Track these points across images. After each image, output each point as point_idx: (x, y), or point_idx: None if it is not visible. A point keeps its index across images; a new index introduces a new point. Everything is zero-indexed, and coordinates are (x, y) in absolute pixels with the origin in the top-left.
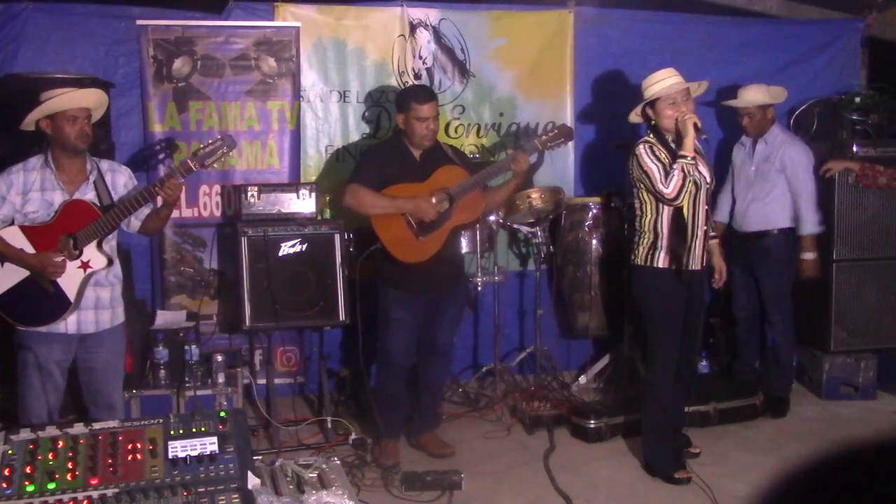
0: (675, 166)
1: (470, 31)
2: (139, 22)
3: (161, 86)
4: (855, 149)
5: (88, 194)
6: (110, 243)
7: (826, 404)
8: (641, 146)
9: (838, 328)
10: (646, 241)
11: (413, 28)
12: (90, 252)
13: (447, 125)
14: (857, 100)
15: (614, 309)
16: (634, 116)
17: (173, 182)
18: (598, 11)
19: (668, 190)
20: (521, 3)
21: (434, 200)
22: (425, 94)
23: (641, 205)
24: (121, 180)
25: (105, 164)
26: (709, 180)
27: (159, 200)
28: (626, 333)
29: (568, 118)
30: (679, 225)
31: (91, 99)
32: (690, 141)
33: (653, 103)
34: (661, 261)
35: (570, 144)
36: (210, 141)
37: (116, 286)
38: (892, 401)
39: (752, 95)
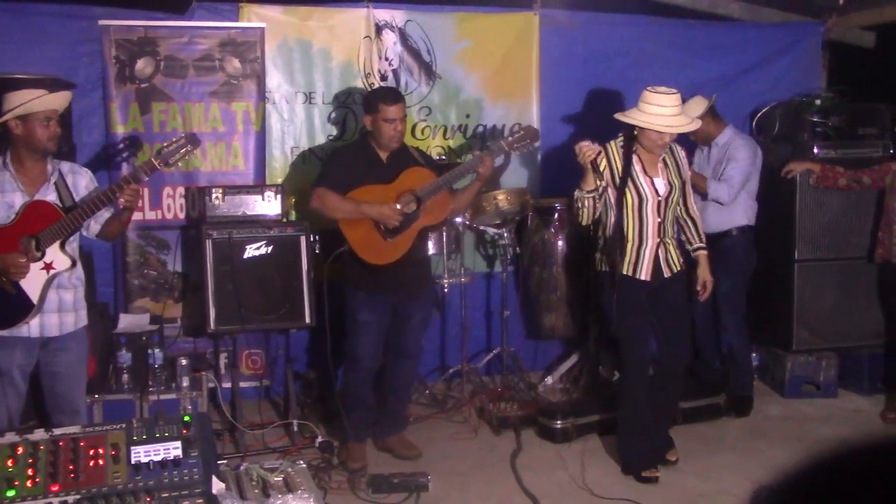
0: (576, 193)
1: (436, 32)
2: (101, 22)
3: (123, 86)
4: (816, 150)
5: (50, 196)
6: (73, 245)
7: (789, 403)
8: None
9: (800, 328)
10: (599, 246)
11: (379, 29)
12: (53, 253)
13: (413, 127)
14: (818, 102)
15: (580, 310)
16: (622, 116)
17: (132, 188)
18: (564, 14)
19: (576, 206)
20: (486, 4)
21: (399, 205)
22: (393, 95)
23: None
24: (82, 182)
25: (66, 166)
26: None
27: (120, 203)
28: (591, 334)
29: (534, 120)
30: (615, 233)
31: (63, 101)
32: (588, 176)
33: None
34: (604, 264)
35: (537, 146)
36: (174, 139)
37: (80, 288)
38: (853, 399)
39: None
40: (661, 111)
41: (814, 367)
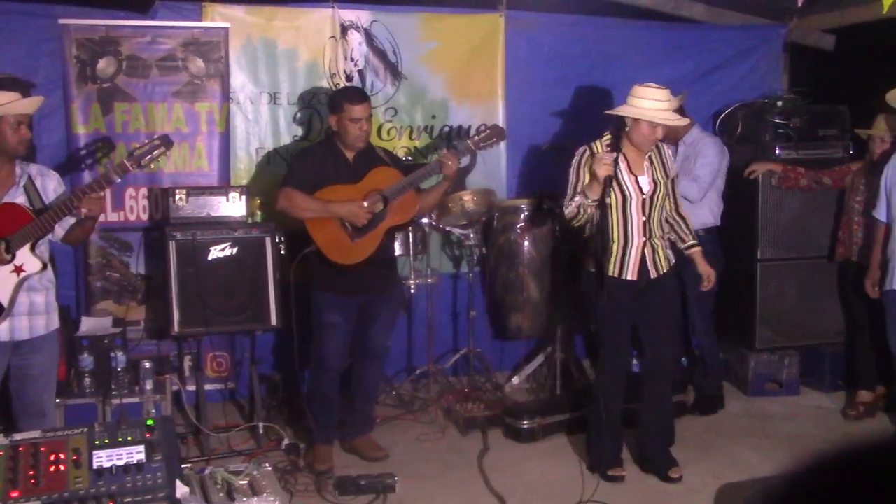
0: (577, 198)
1: (401, 33)
2: (61, 21)
3: (85, 86)
4: (777, 151)
5: (19, 198)
6: (42, 247)
7: (752, 400)
8: (579, 150)
9: (763, 326)
10: (588, 245)
11: (344, 30)
12: (23, 256)
13: (379, 127)
14: (780, 104)
15: (546, 310)
16: (615, 111)
17: (93, 197)
18: (529, 15)
19: (566, 211)
20: (452, 6)
21: (367, 203)
22: (358, 95)
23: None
24: (51, 185)
25: (34, 169)
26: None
27: (82, 212)
28: (558, 334)
29: (500, 121)
30: (601, 233)
31: (35, 105)
32: (597, 187)
33: None
34: (589, 264)
35: (503, 147)
36: (147, 141)
37: (51, 290)
38: (815, 396)
39: None
40: (655, 105)
41: (776, 366)
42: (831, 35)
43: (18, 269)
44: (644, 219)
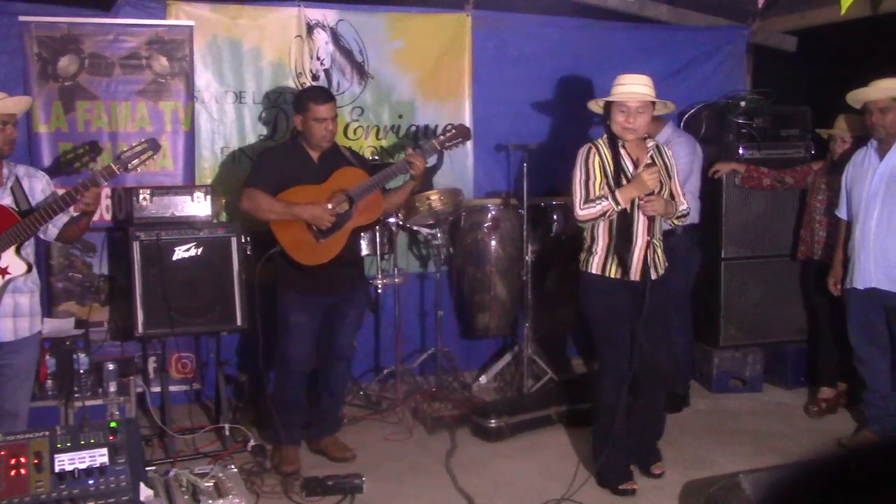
0: (604, 202)
1: (368, 32)
2: (22, 18)
3: (46, 84)
4: (741, 151)
5: (5, 199)
6: (28, 249)
7: (716, 397)
8: (583, 149)
9: (727, 324)
10: (585, 245)
11: (310, 29)
12: (8, 258)
13: (346, 127)
14: (743, 104)
15: (513, 309)
16: (594, 106)
17: (92, 191)
18: (495, 15)
19: (581, 213)
20: (419, 5)
21: (332, 204)
22: (323, 94)
23: None
24: (38, 186)
25: (22, 170)
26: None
27: (80, 207)
28: (525, 333)
29: (466, 120)
30: (621, 231)
31: (23, 105)
32: (634, 196)
33: (610, 103)
34: (595, 266)
35: (469, 147)
36: (134, 144)
37: (35, 293)
38: (778, 392)
39: None
40: (624, 88)
41: (740, 363)
42: (793, 37)
43: (3, 271)
44: (648, 218)
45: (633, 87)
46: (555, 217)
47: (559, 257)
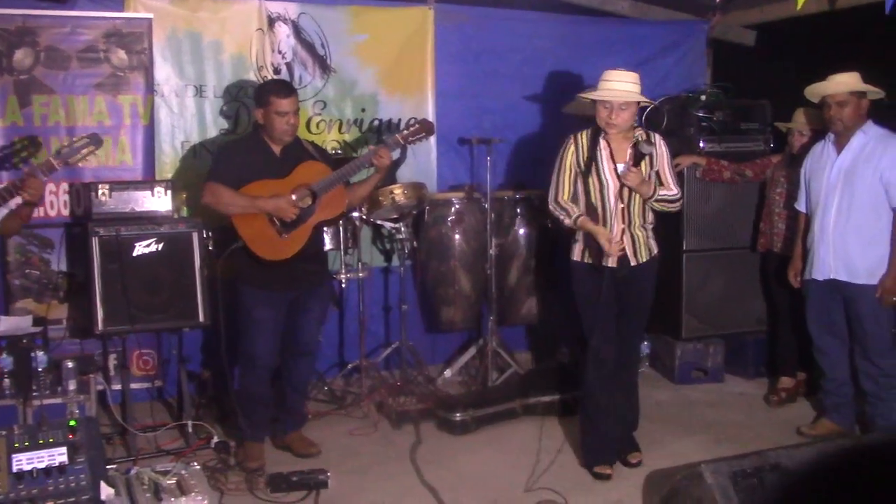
0: (566, 219)
1: (330, 26)
2: None
3: (0, 78)
4: (702, 144)
5: None
6: None
7: (679, 388)
8: (566, 142)
9: (689, 316)
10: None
11: (271, 22)
12: None
13: (308, 121)
14: (703, 98)
15: (478, 303)
16: (582, 98)
17: (34, 181)
18: (458, 9)
19: (550, 209)
20: None
21: (295, 198)
22: (285, 88)
23: None
24: None
25: None
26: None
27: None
28: (489, 326)
29: (430, 114)
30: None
31: None
32: (587, 229)
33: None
34: (576, 253)
35: (433, 141)
36: (75, 139)
37: None
38: (738, 383)
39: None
40: (608, 86)
41: (702, 354)
42: (752, 31)
43: None
44: (623, 206)
45: (618, 85)
46: (518, 211)
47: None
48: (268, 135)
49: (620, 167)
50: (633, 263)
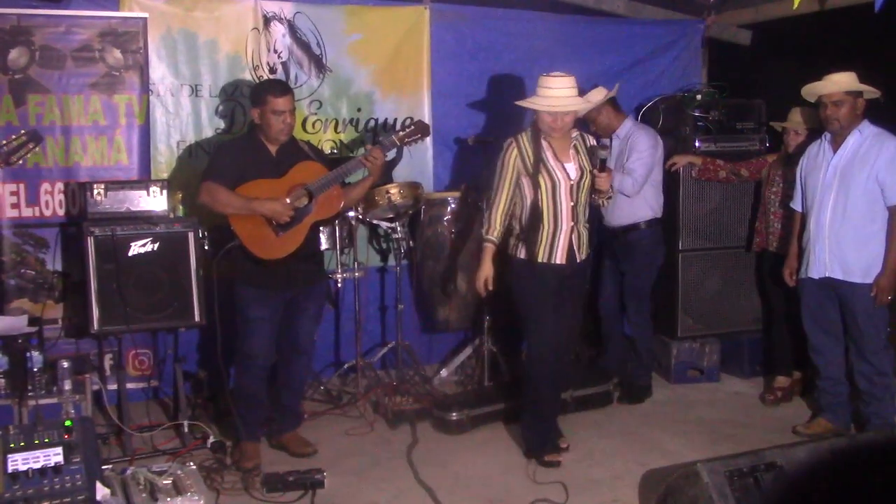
0: (486, 242)
1: (326, 25)
2: None
3: None
4: (697, 144)
5: None
6: None
7: (675, 388)
8: (506, 142)
9: (684, 315)
10: (514, 232)
11: (267, 21)
12: None
13: (304, 120)
14: (699, 97)
15: (474, 302)
16: (522, 102)
17: None
18: (454, 8)
19: (485, 213)
20: None
21: (291, 198)
22: (281, 87)
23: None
24: None
25: None
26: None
27: None
28: (486, 326)
29: (426, 114)
30: (532, 218)
31: None
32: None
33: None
34: (520, 251)
35: (429, 140)
36: (14, 136)
37: None
38: (735, 382)
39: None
40: (551, 93)
41: (698, 353)
42: (747, 31)
43: None
44: (572, 204)
45: (560, 93)
46: None
47: None
48: (264, 134)
49: (569, 166)
50: (577, 259)
